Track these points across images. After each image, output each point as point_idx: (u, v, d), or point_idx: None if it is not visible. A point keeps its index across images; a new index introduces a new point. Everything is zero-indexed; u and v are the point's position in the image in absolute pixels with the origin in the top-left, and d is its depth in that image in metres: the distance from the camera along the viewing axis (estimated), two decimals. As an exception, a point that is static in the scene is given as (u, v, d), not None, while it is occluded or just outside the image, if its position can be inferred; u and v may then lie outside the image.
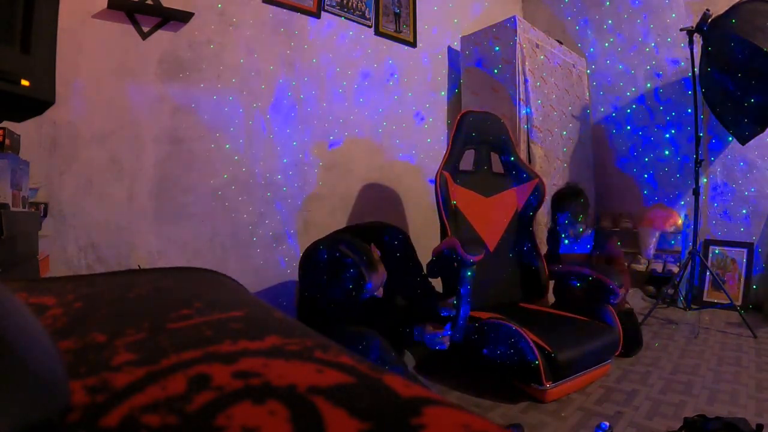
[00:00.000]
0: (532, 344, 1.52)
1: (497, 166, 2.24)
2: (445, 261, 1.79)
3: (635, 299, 2.85)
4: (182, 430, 0.20)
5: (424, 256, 1.92)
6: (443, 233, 1.93)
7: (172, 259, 1.97)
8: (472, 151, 2.17)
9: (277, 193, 2.31)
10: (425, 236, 2.86)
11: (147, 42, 1.92)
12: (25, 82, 0.35)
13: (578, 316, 1.84)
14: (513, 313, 1.81)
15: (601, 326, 1.78)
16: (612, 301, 1.87)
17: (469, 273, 1.65)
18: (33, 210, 1.48)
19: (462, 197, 2.03)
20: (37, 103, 0.38)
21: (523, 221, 2.20)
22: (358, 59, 2.66)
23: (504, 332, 1.61)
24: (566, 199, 2.24)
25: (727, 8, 2.35)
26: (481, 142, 2.17)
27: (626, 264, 2.35)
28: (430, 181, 1.99)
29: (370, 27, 2.73)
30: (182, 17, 1.96)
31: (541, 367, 1.50)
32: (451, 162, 2.02)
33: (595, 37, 3.46)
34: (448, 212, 1.93)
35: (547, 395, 1.54)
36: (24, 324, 0.21)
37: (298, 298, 1.77)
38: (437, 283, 1.97)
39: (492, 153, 2.22)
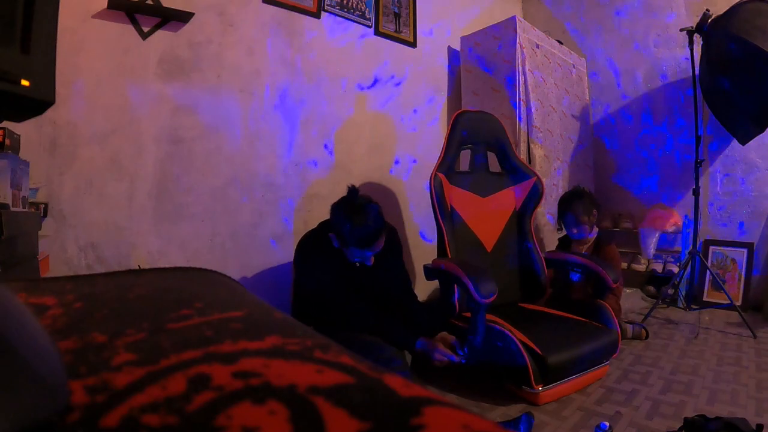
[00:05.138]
0: (520, 346, 1.50)
1: (494, 165, 2.23)
2: (446, 276, 1.78)
3: (635, 299, 2.85)
4: (182, 430, 0.20)
5: (424, 256, 1.92)
6: (440, 235, 1.92)
7: (172, 259, 1.97)
8: (469, 151, 2.16)
9: (277, 193, 2.31)
10: (425, 236, 2.88)
11: (147, 42, 1.92)
12: (25, 82, 0.35)
13: (576, 317, 1.83)
14: (511, 314, 1.80)
15: (598, 328, 1.75)
16: (604, 295, 1.88)
17: (483, 312, 1.55)
18: (33, 210, 1.48)
19: (458, 198, 2.02)
20: (37, 103, 0.38)
21: (521, 221, 2.19)
22: (358, 59, 2.66)
23: (493, 334, 1.59)
24: (569, 199, 2.34)
25: (727, 8, 2.35)
26: (477, 142, 2.15)
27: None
28: (425, 184, 1.98)
29: (370, 27, 2.72)
30: (182, 17, 1.96)
31: (530, 370, 1.47)
32: (446, 163, 2.00)
33: (595, 37, 3.46)
34: (443, 214, 1.91)
35: (539, 398, 1.52)
36: (24, 324, 0.21)
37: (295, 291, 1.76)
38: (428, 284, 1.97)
39: (489, 152, 2.20)
